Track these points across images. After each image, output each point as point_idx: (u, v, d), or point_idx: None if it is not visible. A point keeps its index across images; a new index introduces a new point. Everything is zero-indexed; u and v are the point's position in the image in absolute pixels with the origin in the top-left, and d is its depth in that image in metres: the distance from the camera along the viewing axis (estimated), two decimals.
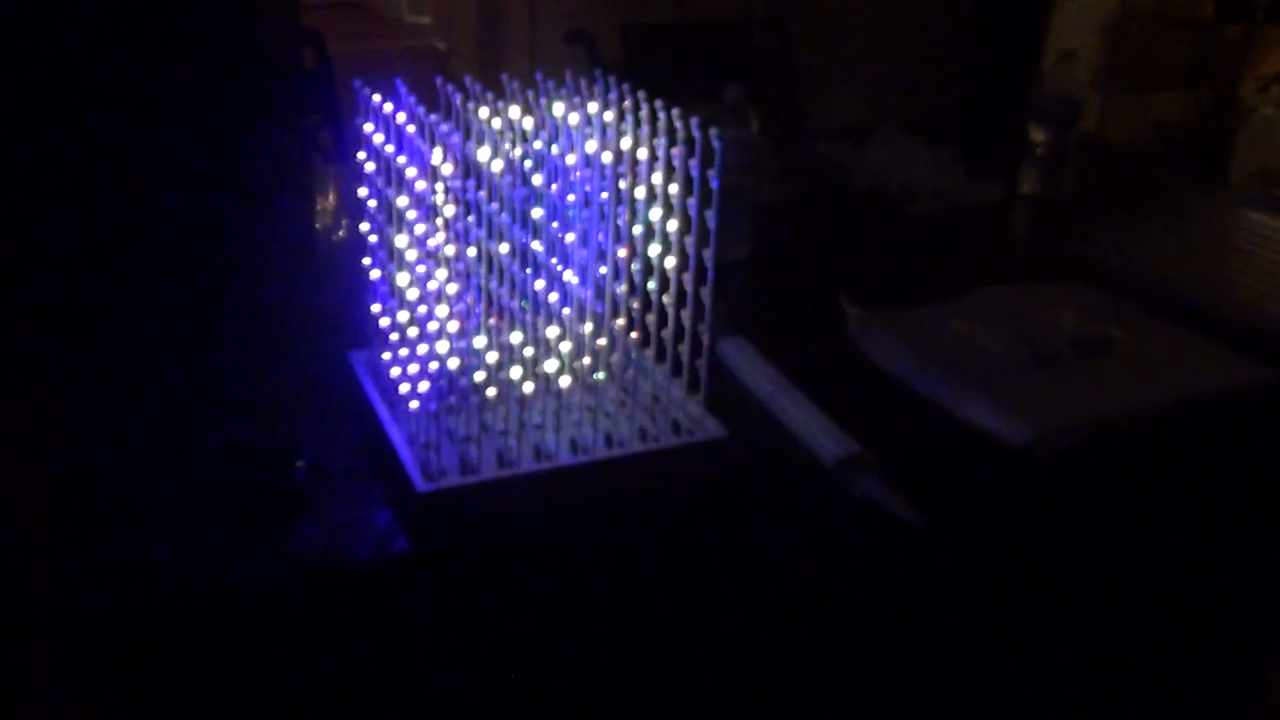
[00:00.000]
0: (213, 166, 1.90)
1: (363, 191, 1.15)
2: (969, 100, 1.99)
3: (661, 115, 1.04)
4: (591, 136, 1.07)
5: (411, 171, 1.04)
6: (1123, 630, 1.48)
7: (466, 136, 1.02)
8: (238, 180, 1.87)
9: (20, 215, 1.62)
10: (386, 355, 1.14)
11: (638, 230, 1.08)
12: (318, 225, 1.75)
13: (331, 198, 1.85)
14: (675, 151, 1.04)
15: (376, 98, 1.07)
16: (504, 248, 1.06)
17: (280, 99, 2.22)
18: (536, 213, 1.06)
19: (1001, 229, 1.84)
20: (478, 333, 1.06)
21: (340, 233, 1.68)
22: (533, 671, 1.11)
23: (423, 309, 1.03)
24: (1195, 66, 3.57)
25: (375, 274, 1.15)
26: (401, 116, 1.05)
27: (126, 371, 1.24)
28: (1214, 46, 3.58)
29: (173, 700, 0.96)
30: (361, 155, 1.13)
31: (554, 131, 1.07)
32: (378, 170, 1.12)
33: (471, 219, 1.04)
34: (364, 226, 1.16)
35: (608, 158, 1.07)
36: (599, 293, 1.12)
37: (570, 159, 1.08)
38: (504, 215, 1.05)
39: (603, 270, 1.12)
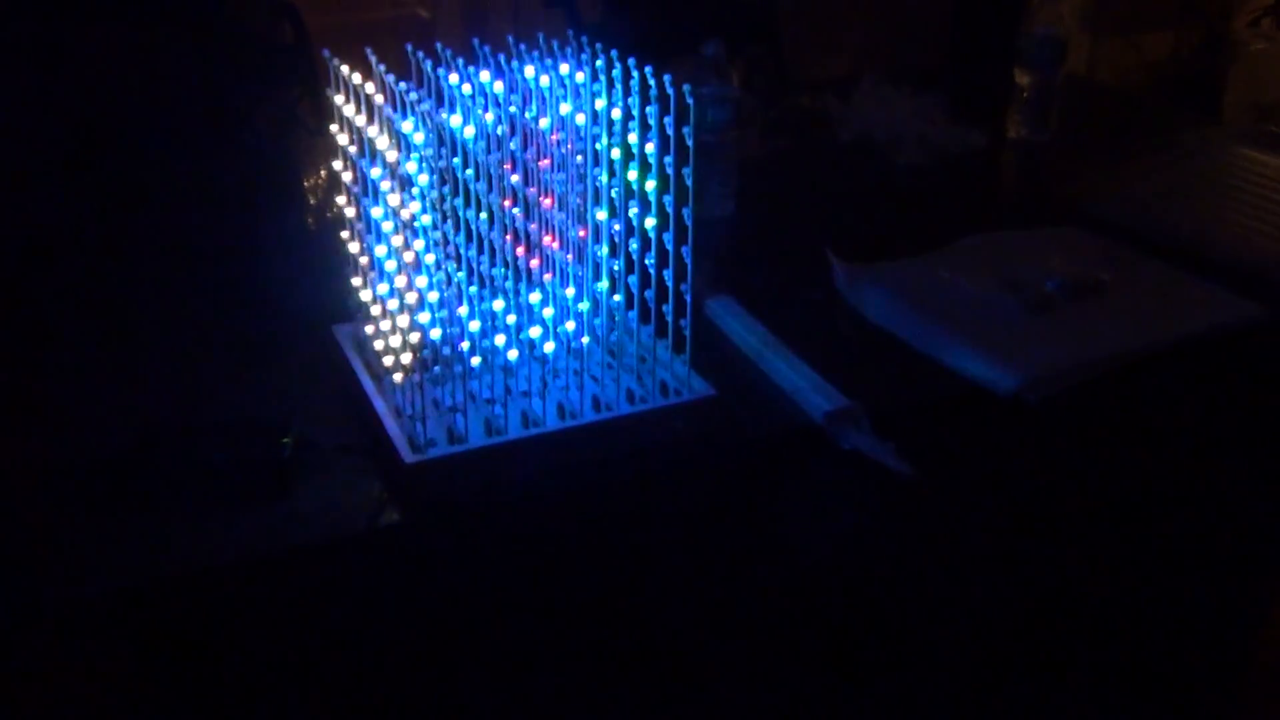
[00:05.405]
0: (193, 144, 1.89)
1: (338, 164, 1.13)
2: (955, 47, 1.97)
3: (636, 74, 1.03)
4: (565, 98, 1.06)
5: (384, 142, 1.03)
6: (1119, 573, 1.48)
7: (439, 103, 1.01)
8: (220, 157, 1.85)
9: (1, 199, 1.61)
10: (370, 329, 1.13)
11: (615, 192, 1.07)
12: (301, 200, 1.74)
13: (315, 172, 1.84)
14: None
15: (345, 69, 1.06)
16: (482, 215, 1.05)
17: (260, 73, 2.20)
18: (514, 179, 1.05)
19: (990, 175, 1.82)
20: (460, 302, 1.05)
21: (327, 208, 1.67)
22: (526, 638, 1.11)
23: (402, 280, 1.03)
24: (1185, 2, 3.53)
25: (354, 247, 1.14)
26: (371, 86, 1.03)
27: (110, 352, 1.24)
28: None
29: (169, 676, 0.96)
30: (334, 128, 1.12)
31: (527, 95, 1.06)
32: (352, 142, 1.11)
33: (447, 187, 1.03)
34: (340, 199, 1.15)
35: (581, 119, 1.05)
36: (580, 256, 1.11)
37: (544, 123, 1.06)
38: (480, 182, 1.04)
39: (582, 234, 1.10)
